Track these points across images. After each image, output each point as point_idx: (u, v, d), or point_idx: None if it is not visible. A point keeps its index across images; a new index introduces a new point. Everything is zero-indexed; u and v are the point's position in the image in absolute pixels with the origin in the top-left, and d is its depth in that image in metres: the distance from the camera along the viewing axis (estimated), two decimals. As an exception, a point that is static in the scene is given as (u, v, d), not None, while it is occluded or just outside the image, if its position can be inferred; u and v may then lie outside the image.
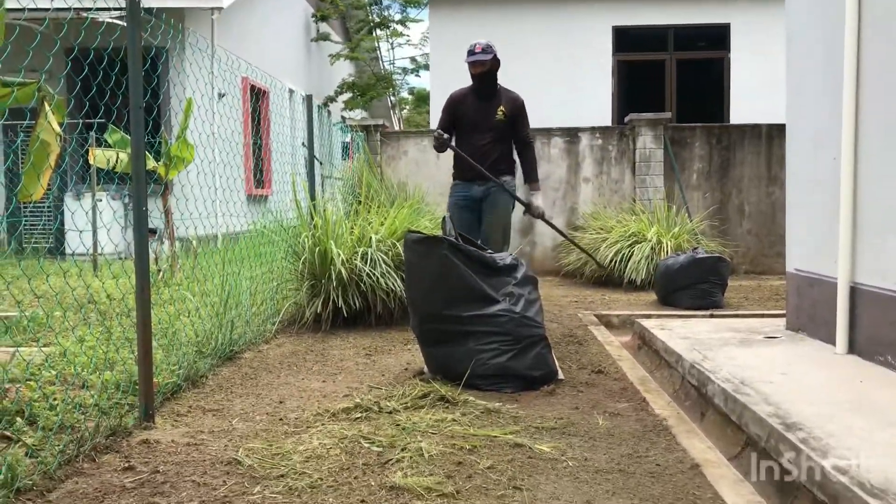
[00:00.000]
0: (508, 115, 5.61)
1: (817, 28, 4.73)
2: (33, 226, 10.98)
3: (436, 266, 4.17)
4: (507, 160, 5.69)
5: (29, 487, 2.67)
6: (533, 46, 12.86)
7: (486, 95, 5.65)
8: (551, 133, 10.48)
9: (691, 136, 10.31)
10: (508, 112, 5.61)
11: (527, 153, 5.76)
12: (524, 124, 5.73)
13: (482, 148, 5.56)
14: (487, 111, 5.60)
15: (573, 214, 10.35)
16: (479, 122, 5.59)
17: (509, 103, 5.65)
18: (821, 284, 4.59)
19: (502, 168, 5.63)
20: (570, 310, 7.13)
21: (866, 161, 4.12)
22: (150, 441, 3.22)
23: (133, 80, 3.36)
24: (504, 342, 4.10)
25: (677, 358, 4.35)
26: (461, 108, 5.66)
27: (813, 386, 3.61)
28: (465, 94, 5.74)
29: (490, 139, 5.59)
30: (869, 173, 4.10)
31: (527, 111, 5.75)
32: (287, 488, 2.71)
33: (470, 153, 5.53)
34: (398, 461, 2.96)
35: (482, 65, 5.59)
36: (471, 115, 5.61)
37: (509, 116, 5.61)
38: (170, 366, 4.13)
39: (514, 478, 2.79)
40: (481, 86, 5.65)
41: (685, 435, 3.33)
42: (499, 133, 5.62)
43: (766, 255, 10.15)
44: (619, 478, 2.81)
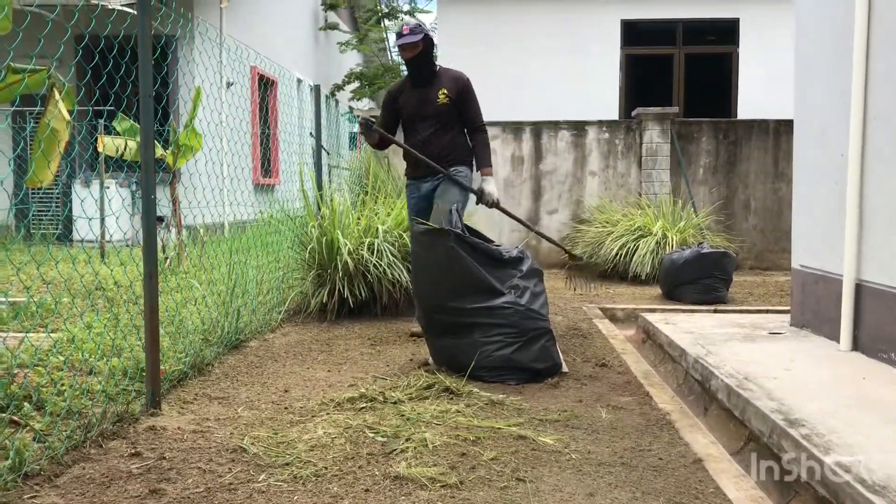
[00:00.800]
0: (453, 97, 5.09)
1: (826, 23, 4.72)
2: (42, 213, 11.02)
3: (442, 258, 4.19)
4: (458, 149, 5.20)
5: (36, 472, 2.70)
6: (541, 39, 12.83)
7: (424, 80, 5.13)
8: (558, 126, 10.47)
9: (698, 130, 10.29)
10: (453, 94, 5.09)
11: (477, 137, 5.23)
12: (472, 105, 5.20)
13: (428, 138, 5.12)
14: (428, 97, 5.11)
15: (579, 207, 10.35)
16: (420, 111, 5.13)
17: (452, 84, 5.13)
18: (826, 281, 4.60)
19: (453, 158, 5.15)
20: (574, 303, 7.14)
21: (874, 158, 4.12)
22: (156, 428, 3.25)
23: (143, 69, 3.37)
24: (509, 334, 4.12)
25: (681, 352, 4.36)
26: (400, 99, 5.23)
27: (816, 382, 3.62)
28: (403, 85, 5.31)
29: (435, 127, 5.11)
30: (876, 170, 4.10)
31: (474, 90, 5.23)
32: (292, 476, 2.73)
33: (415, 146, 5.13)
34: (402, 451, 2.98)
35: (413, 48, 5.02)
36: (411, 105, 5.17)
37: (454, 99, 5.10)
38: (176, 353, 4.16)
39: (518, 469, 2.81)
40: (417, 70, 5.12)
41: (688, 429, 3.34)
42: (444, 119, 5.12)
43: (771, 251, 10.14)
44: (621, 471, 2.82)
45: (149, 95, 3.40)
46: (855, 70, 4.19)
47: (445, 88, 5.09)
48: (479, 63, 12.78)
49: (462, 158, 5.19)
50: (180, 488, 2.63)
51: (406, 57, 5.07)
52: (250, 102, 12.33)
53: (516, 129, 10.48)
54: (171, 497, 2.56)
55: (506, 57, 12.82)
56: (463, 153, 5.20)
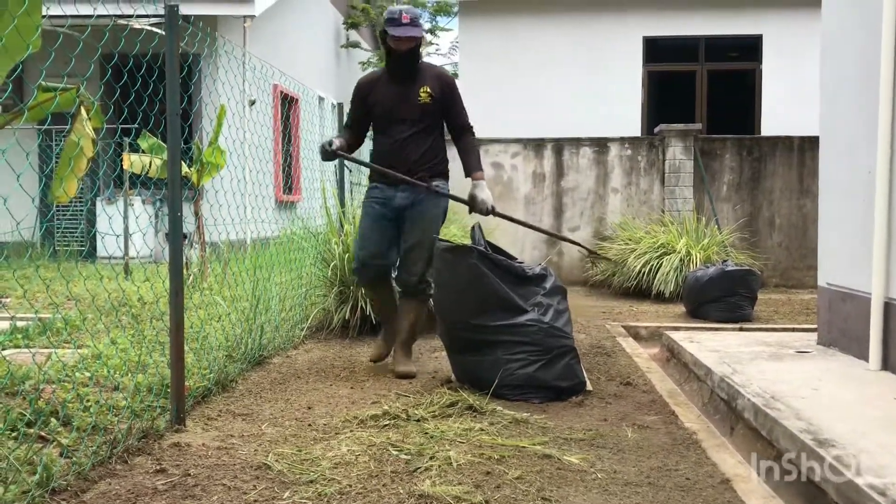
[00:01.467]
0: (437, 96, 4.54)
1: (853, 39, 4.69)
2: (68, 230, 11.14)
3: (465, 275, 4.18)
4: (440, 156, 4.68)
5: (63, 488, 2.71)
6: (563, 56, 12.84)
7: (405, 77, 4.55)
8: (580, 143, 10.47)
9: (721, 147, 10.24)
10: (436, 93, 4.54)
11: (465, 139, 4.70)
12: (459, 105, 4.68)
13: (404, 142, 4.53)
14: (407, 95, 4.52)
15: (601, 225, 10.32)
16: (397, 110, 4.54)
17: (436, 82, 4.58)
18: (854, 299, 4.54)
19: (433, 166, 4.62)
20: (598, 321, 7.10)
21: (902, 175, 4.08)
22: (181, 444, 3.26)
23: (170, 87, 3.41)
24: (532, 352, 4.10)
25: (706, 371, 4.32)
26: (373, 95, 4.60)
27: (845, 402, 3.57)
28: (377, 78, 4.69)
29: (413, 129, 4.53)
30: (905, 188, 4.05)
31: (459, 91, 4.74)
32: (317, 494, 2.72)
33: (389, 150, 4.57)
34: (426, 469, 2.96)
35: (412, 41, 4.46)
36: (386, 102, 4.56)
37: (437, 99, 4.55)
38: (201, 370, 4.17)
39: (543, 489, 2.79)
40: (401, 66, 4.53)
41: (715, 449, 3.31)
42: (425, 121, 4.56)
43: (796, 269, 10.04)
44: (648, 491, 2.79)
45: (176, 114, 3.44)
46: (882, 86, 4.16)
47: (428, 86, 4.53)
48: (500, 81, 12.85)
49: (443, 170, 4.70)
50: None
51: (401, 49, 4.44)
52: (273, 120, 12.43)
53: (538, 146, 10.48)
54: (196, 514, 2.56)
55: (527, 74, 12.84)
56: (444, 163, 4.72)
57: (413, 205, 4.57)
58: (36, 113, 3.32)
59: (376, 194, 4.65)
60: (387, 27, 4.41)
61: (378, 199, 4.63)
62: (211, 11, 10.88)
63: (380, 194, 4.63)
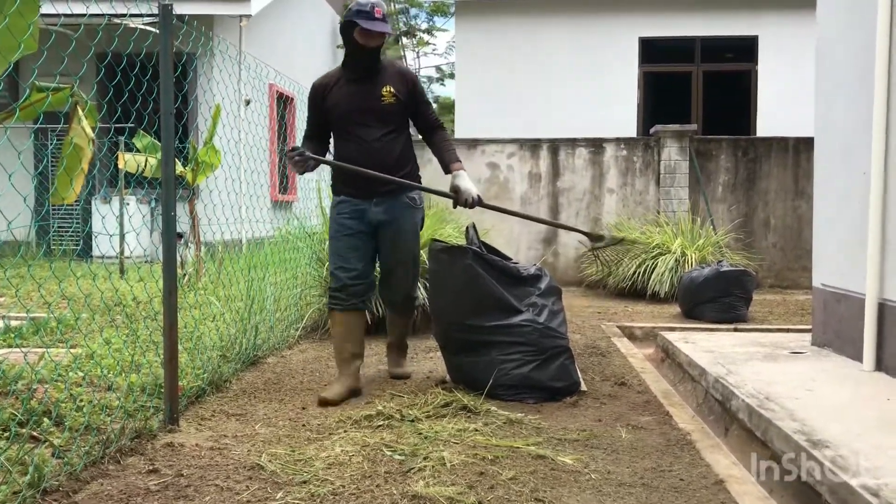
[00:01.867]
0: (402, 97, 4.18)
1: (848, 41, 4.70)
2: (63, 229, 11.12)
3: (460, 275, 4.17)
4: (412, 161, 4.36)
5: (55, 488, 2.70)
6: (559, 57, 12.86)
7: (366, 75, 4.16)
8: (576, 143, 10.47)
9: (717, 148, 10.25)
10: (402, 93, 4.17)
11: (439, 135, 4.39)
12: (427, 104, 4.39)
13: (372, 146, 4.12)
14: (369, 95, 4.13)
15: (597, 225, 10.32)
16: (358, 112, 4.14)
17: (399, 80, 4.20)
18: (848, 300, 4.55)
19: (407, 173, 4.26)
20: (592, 321, 7.10)
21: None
22: (174, 444, 3.25)
23: (164, 87, 3.40)
24: (527, 353, 4.10)
25: (701, 372, 4.32)
26: (331, 97, 4.19)
27: (840, 403, 3.57)
28: (333, 79, 4.26)
29: (381, 132, 4.15)
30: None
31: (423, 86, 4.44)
32: (310, 494, 2.72)
33: (357, 156, 4.13)
34: (420, 470, 2.96)
35: (382, 37, 4.12)
36: (346, 103, 4.15)
37: (402, 100, 4.18)
38: (194, 370, 4.16)
39: (537, 489, 2.78)
40: (363, 63, 4.15)
41: (709, 450, 3.30)
42: (392, 123, 4.19)
43: (791, 269, 10.06)
44: (642, 492, 2.79)
45: (170, 113, 3.43)
46: (877, 87, 4.16)
47: (391, 85, 4.14)
48: (496, 81, 12.85)
49: (416, 174, 4.39)
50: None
51: (369, 45, 4.08)
52: (268, 119, 12.41)
53: (534, 147, 10.48)
54: (188, 514, 2.55)
55: (523, 75, 12.85)
56: (416, 168, 4.40)
57: (391, 222, 4.23)
58: (29, 112, 3.31)
59: (346, 209, 4.22)
60: (357, 19, 3.99)
61: (349, 214, 4.21)
62: (206, 11, 10.86)
63: (350, 208, 4.21)
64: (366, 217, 4.21)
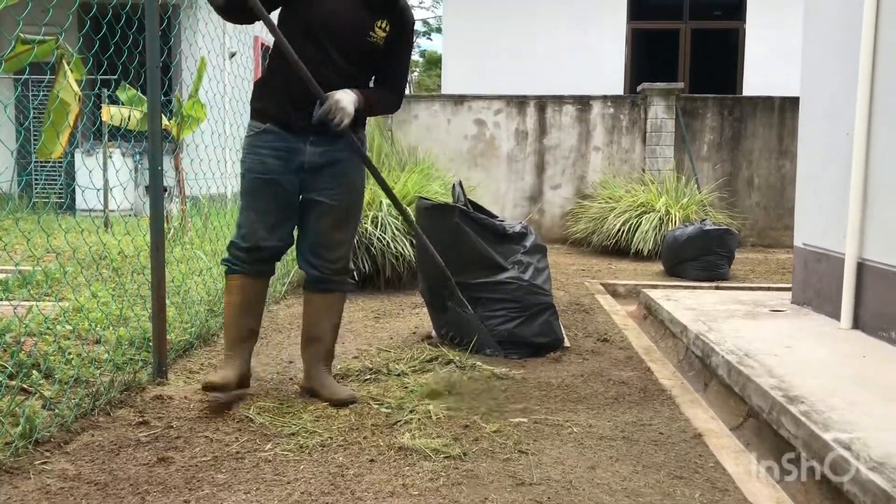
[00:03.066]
0: (391, 36, 3.20)
1: (836, 1, 4.70)
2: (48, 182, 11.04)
3: (446, 233, 4.21)
4: (364, 122, 3.38)
5: (46, 439, 2.74)
6: (547, 12, 12.74)
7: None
8: (563, 100, 10.44)
9: (703, 106, 10.26)
10: (393, 31, 3.21)
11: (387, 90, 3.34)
12: (407, 59, 3.39)
13: (336, 78, 3.10)
14: (362, 19, 3.13)
15: (582, 183, 10.35)
16: (342, 27, 3.11)
17: (399, 18, 3.22)
18: (828, 259, 4.62)
19: (360, 122, 3.27)
20: (576, 278, 7.17)
21: (879, 137, 4.12)
22: (163, 397, 3.29)
23: (150, 40, 3.37)
24: (512, 309, 4.15)
25: (682, 329, 4.40)
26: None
27: (816, 360, 3.65)
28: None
29: (351, 70, 3.16)
30: (882, 150, 4.10)
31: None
32: (298, 446, 2.77)
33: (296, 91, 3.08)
34: (406, 423, 3.02)
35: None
36: (328, 12, 3.09)
37: (391, 39, 3.21)
38: (182, 324, 4.19)
39: (520, 442, 2.85)
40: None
41: (688, 405, 3.38)
42: (366, 62, 3.22)
43: (773, 229, 10.15)
44: (622, 445, 2.86)
45: (156, 66, 3.40)
46: (863, 49, 4.18)
47: (388, 19, 3.18)
48: (483, 36, 12.75)
49: (363, 123, 3.36)
50: (188, 456, 2.67)
51: None
52: (253, 73, 12.29)
53: (521, 103, 10.45)
54: (178, 465, 2.60)
55: (510, 30, 12.74)
56: (364, 118, 3.33)
57: (332, 163, 3.20)
58: (13, 64, 3.28)
59: (272, 143, 3.15)
60: None
61: (275, 151, 3.15)
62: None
63: (278, 143, 3.15)
64: (297, 158, 3.17)
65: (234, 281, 3.30)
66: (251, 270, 3.29)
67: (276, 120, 3.15)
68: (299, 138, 3.16)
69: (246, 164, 3.21)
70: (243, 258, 3.25)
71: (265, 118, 3.18)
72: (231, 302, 3.32)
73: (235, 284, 3.30)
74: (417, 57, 29.85)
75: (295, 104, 3.12)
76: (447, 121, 10.43)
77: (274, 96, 3.17)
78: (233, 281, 3.31)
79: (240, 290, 3.30)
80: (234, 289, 3.31)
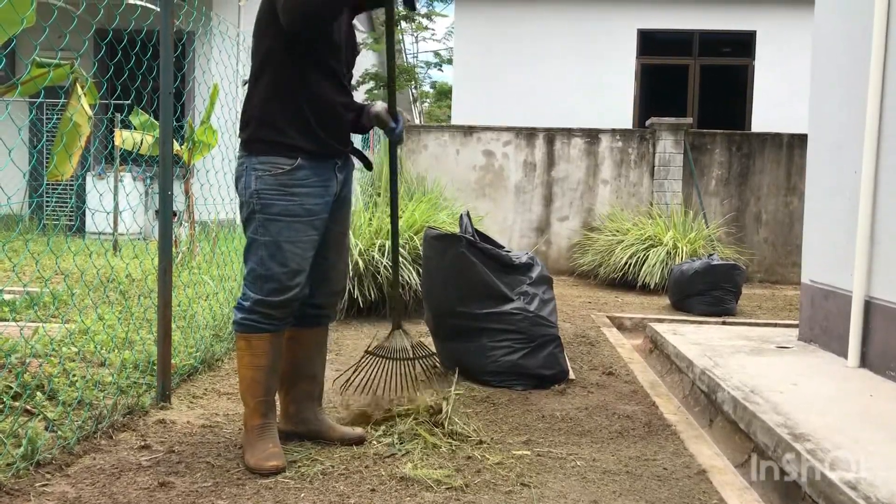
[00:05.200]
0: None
1: (844, 39, 4.73)
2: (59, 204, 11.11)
3: (453, 262, 4.21)
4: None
5: (48, 461, 2.73)
6: (557, 46, 12.86)
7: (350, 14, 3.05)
8: (571, 133, 10.49)
9: (712, 142, 10.29)
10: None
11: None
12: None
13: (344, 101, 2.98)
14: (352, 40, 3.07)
15: (590, 215, 10.36)
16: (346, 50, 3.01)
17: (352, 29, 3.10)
18: (835, 297, 4.60)
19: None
20: (583, 310, 7.16)
21: (887, 175, 4.13)
22: (166, 421, 3.28)
23: (164, 66, 3.41)
24: (517, 340, 4.14)
25: (688, 363, 4.38)
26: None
27: (823, 398, 3.63)
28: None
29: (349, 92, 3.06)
30: (890, 187, 4.11)
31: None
32: (299, 474, 2.76)
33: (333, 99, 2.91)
34: (409, 453, 3.00)
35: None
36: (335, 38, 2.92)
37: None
38: (187, 348, 4.20)
39: (523, 475, 2.83)
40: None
41: (693, 440, 3.36)
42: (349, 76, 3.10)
43: (781, 265, 10.13)
44: (626, 479, 2.84)
45: (169, 92, 3.44)
46: (871, 86, 4.20)
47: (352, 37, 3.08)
48: (495, 68, 12.85)
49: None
50: (189, 482, 2.66)
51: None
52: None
53: (529, 135, 10.50)
54: (179, 490, 2.59)
55: (521, 63, 12.85)
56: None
57: (345, 186, 3.05)
58: (29, 87, 3.32)
59: (307, 180, 2.85)
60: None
61: (313, 189, 2.86)
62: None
63: (313, 179, 2.86)
64: (331, 190, 2.94)
65: (262, 342, 2.85)
66: (283, 327, 2.90)
67: (308, 152, 2.84)
68: (328, 166, 2.92)
69: (277, 207, 2.79)
70: (275, 315, 2.84)
71: (294, 151, 2.81)
72: (258, 365, 2.86)
73: (263, 345, 2.86)
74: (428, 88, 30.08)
75: (328, 129, 2.88)
76: (456, 151, 10.48)
77: (304, 125, 2.83)
78: (260, 342, 2.85)
79: (269, 350, 2.87)
80: (260, 350, 2.85)
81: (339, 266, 3.08)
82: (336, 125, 2.92)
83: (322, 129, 2.86)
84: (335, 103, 2.90)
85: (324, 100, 2.86)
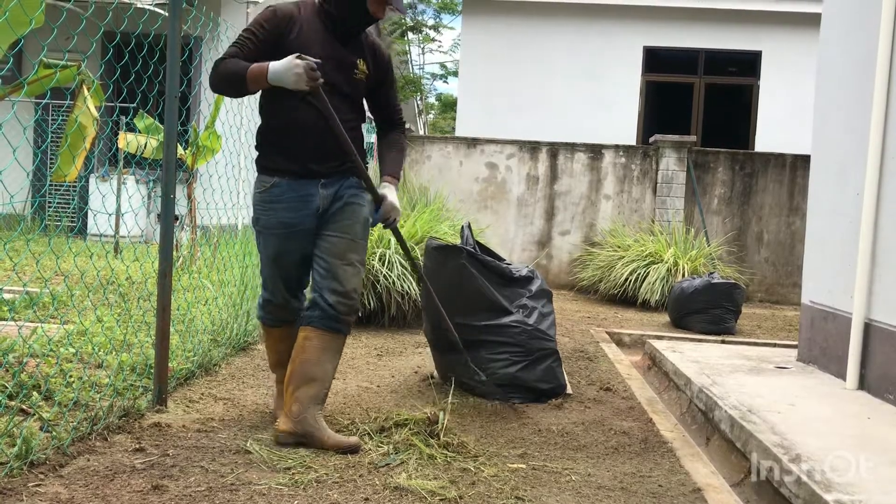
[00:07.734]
0: (371, 73, 3.28)
1: (849, 62, 4.75)
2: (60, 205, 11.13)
3: (453, 274, 4.21)
4: (361, 154, 3.26)
5: (42, 461, 2.73)
6: (563, 61, 12.89)
7: (348, 35, 3.21)
8: (575, 148, 10.50)
9: (715, 160, 10.30)
10: (371, 69, 3.28)
11: (395, 136, 3.49)
12: (395, 91, 3.48)
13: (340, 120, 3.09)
14: (343, 61, 3.18)
15: (591, 230, 10.36)
16: (332, 70, 3.10)
17: (371, 54, 3.30)
18: (835, 318, 4.60)
19: (357, 165, 3.20)
20: (582, 325, 7.15)
21: (889, 198, 4.13)
22: (161, 424, 3.28)
23: (171, 70, 3.43)
24: (515, 353, 4.13)
25: (686, 381, 4.37)
26: (300, 35, 3.11)
27: (820, 419, 3.62)
28: (304, 14, 3.16)
29: (348, 112, 3.19)
30: (891, 211, 4.11)
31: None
32: (293, 481, 2.75)
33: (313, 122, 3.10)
34: (403, 463, 2.99)
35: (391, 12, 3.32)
36: (317, 50, 3.07)
37: (372, 76, 3.29)
38: (185, 352, 4.19)
39: (517, 488, 2.82)
40: (352, 26, 3.21)
41: (689, 458, 3.35)
42: (355, 104, 3.28)
43: (782, 285, 10.12)
44: (620, 495, 2.83)
45: (175, 96, 3.45)
46: (874, 110, 4.21)
47: (363, 60, 3.24)
48: (500, 81, 12.88)
49: (364, 170, 3.24)
50: (182, 486, 2.65)
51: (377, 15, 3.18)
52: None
53: (533, 149, 10.52)
54: (172, 494, 2.58)
55: (527, 77, 12.88)
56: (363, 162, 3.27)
57: (341, 198, 3.21)
58: (35, 88, 3.33)
59: (284, 195, 3.16)
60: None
61: (289, 203, 3.17)
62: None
63: (290, 194, 3.16)
64: (311, 205, 3.17)
65: (276, 332, 3.51)
66: (280, 323, 3.48)
67: (288, 172, 3.17)
68: (311, 183, 3.19)
69: (261, 221, 3.25)
70: (276, 313, 3.46)
71: (275, 173, 3.20)
72: (277, 349, 3.52)
73: (278, 333, 3.50)
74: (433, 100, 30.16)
75: (316, 157, 3.16)
76: (459, 163, 10.50)
77: (287, 152, 3.17)
78: (275, 331, 3.51)
79: (283, 336, 3.47)
80: (276, 336, 3.51)
81: (343, 267, 3.21)
82: (315, 147, 3.15)
83: (300, 151, 3.16)
84: (314, 127, 3.11)
85: (300, 123, 3.13)
